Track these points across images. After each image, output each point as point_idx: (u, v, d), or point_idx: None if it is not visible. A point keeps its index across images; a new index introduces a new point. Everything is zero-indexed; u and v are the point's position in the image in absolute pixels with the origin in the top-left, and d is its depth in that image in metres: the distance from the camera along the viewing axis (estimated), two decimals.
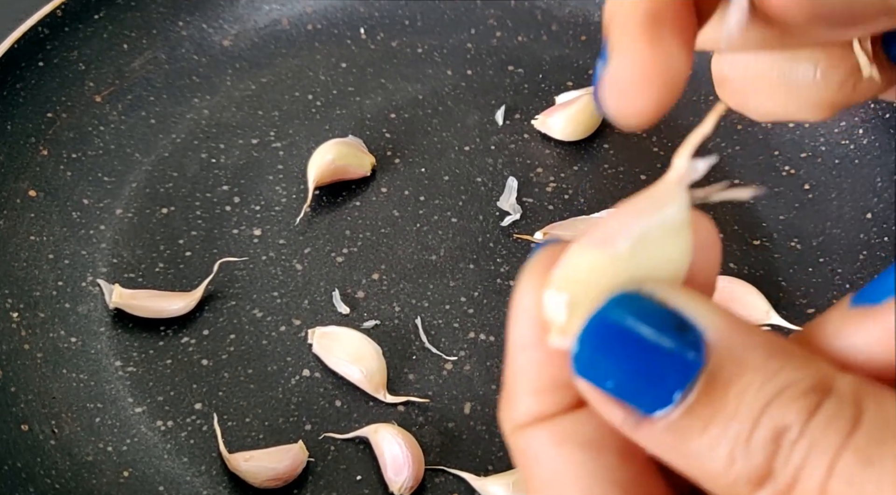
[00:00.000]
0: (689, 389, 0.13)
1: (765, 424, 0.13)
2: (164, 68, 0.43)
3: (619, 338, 0.13)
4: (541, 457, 0.14)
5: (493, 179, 0.40)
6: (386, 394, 0.33)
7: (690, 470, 0.13)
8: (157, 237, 0.37)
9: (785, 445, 0.12)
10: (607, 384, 0.13)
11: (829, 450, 0.12)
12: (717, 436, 0.13)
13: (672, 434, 0.13)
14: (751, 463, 0.13)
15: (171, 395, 0.33)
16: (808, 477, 0.12)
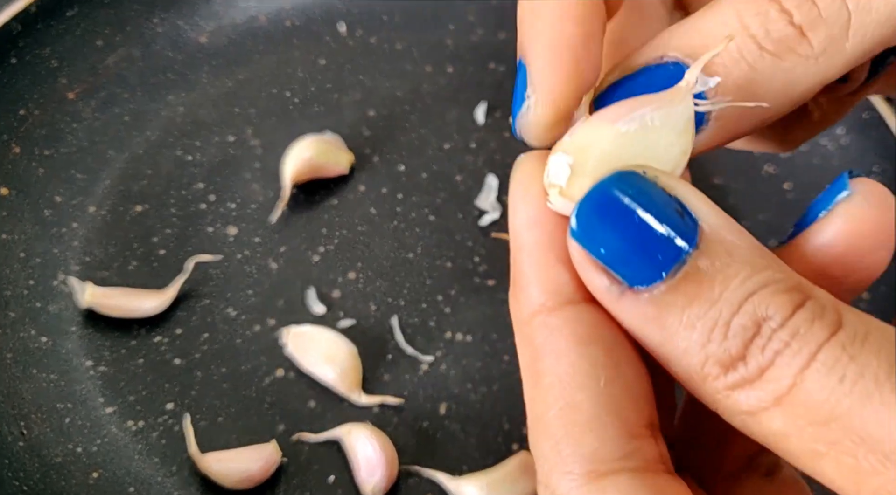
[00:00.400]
0: (677, 268, 0.13)
1: (746, 310, 0.13)
2: (138, 65, 0.42)
3: (618, 209, 0.14)
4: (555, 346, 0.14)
5: (473, 177, 0.40)
6: (361, 395, 0.32)
7: (662, 347, 0.14)
8: (131, 235, 0.37)
9: (764, 332, 0.13)
10: (600, 251, 0.14)
11: (812, 342, 0.13)
12: (697, 315, 0.13)
13: (653, 307, 0.13)
14: (726, 344, 0.13)
15: (143, 395, 0.32)
16: (785, 364, 0.13)
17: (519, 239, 0.16)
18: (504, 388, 0.33)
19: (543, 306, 0.15)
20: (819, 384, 0.12)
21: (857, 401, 0.12)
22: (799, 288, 0.13)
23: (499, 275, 0.37)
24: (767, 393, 0.13)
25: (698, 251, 0.13)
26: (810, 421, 0.13)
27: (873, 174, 0.38)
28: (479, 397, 0.33)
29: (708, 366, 0.13)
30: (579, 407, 0.14)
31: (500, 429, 0.32)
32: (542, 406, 0.14)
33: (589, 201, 0.14)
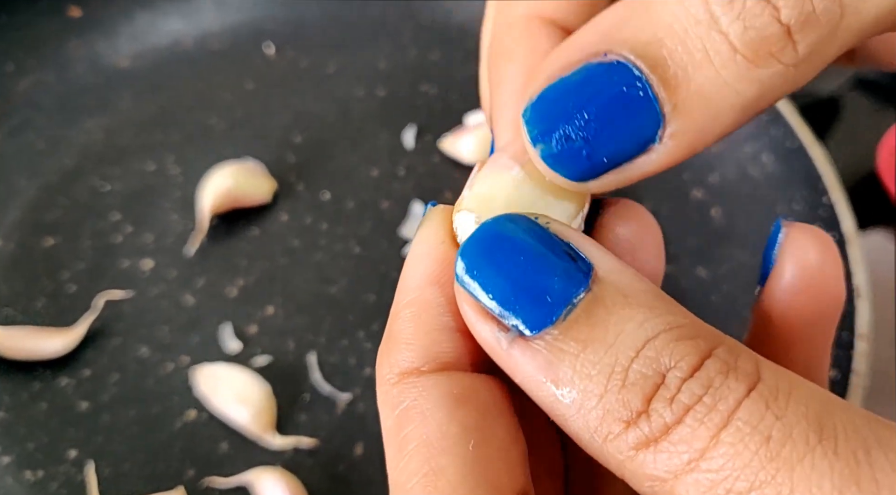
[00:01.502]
0: (568, 311, 0.12)
1: (646, 356, 0.12)
2: (54, 89, 0.41)
3: (505, 248, 0.13)
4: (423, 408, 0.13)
5: (400, 205, 0.39)
6: (274, 436, 0.31)
7: (557, 404, 0.12)
8: (40, 270, 0.36)
9: (670, 383, 0.12)
10: (487, 295, 0.13)
11: (729, 397, 0.11)
12: (592, 362, 0.12)
13: (544, 355, 0.12)
14: (625, 396, 0.12)
15: (44, 442, 0.31)
16: (698, 423, 0.11)
17: (407, 294, 0.14)
18: None
19: (417, 369, 0.14)
20: (741, 446, 0.11)
21: (786, 467, 0.11)
22: (705, 335, 0.12)
23: None
24: (677, 455, 0.11)
25: (591, 293, 0.12)
26: (729, 490, 0.11)
27: (795, 201, 0.38)
28: None
29: (607, 423, 0.12)
30: (444, 473, 0.13)
31: None
32: (405, 474, 0.13)
33: (474, 241, 0.13)
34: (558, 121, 0.13)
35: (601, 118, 0.13)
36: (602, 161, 0.13)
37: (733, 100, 0.13)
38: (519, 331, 0.12)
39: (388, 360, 0.14)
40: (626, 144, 0.13)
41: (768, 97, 0.13)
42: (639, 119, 0.13)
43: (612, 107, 0.13)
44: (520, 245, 0.13)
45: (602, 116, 0.13)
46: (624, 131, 0.13)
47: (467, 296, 0.13)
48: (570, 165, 0.14)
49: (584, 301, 0.12)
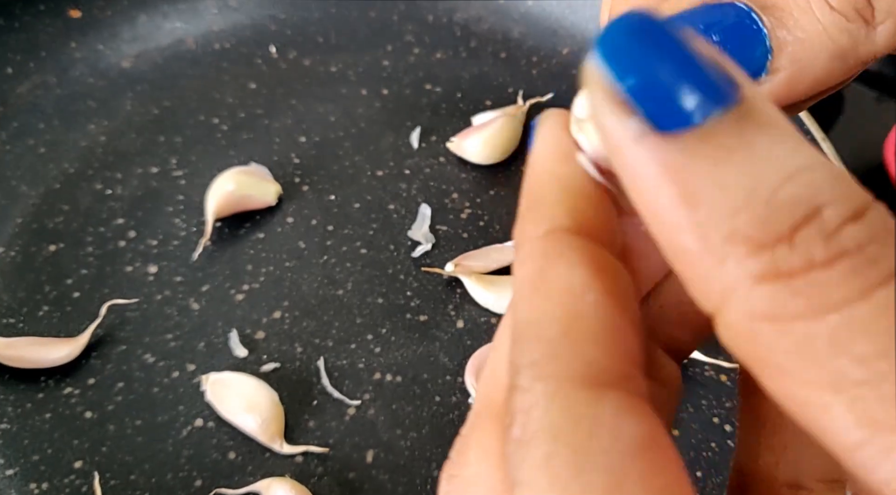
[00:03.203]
0: (717, 113, 0.11)
1: (801, 182, 0.10)
2: (55, 93, 0.40)
3: (657, 33, 0.11)
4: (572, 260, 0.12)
5: (406, 206, 0.39)
6: (283, 444, 0.31)
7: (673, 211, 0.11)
8: (43, 277, 0.35)
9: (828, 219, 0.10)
10: (627, 81, 0.11)
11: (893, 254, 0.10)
12: (736, 172, 0.10)
13: (680, 154, 0.11)
14: (768, 216, 0.10)
15: (49, 454, 0.30)
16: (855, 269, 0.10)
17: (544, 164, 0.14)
18: (435, 432, 0.32)
19: (565, 228, 0.13)
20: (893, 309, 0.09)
21: None
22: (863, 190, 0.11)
23: (431, 311, 0.35)
24: (809, 298, 0.10)
25: (741, 107, 0.11)
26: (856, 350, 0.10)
27: None
28: (408, 443, 0.32)
29: (733, 242, 0.10)
30: (587, 317, 0.12)
31: (430, 478, 0.31)
32: (541, 311, 0.12)
33: (623, 21, 0.11)
34: None
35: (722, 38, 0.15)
36: None
37: (829, 45, 0.16)
38: (654, 125, 0.11)
39: (531, 221, 0.13)
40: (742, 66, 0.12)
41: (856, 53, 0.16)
42: (751, 47, 0.15)
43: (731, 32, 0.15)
44: (672, 37, 0.11)
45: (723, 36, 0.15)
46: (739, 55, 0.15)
47: (601, 81, 0.11)
48: None
49: (734, 111, 0.11)
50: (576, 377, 0.11)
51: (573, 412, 0.11)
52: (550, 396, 0.11)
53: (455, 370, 0.34)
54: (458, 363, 0.34)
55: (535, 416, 0.11)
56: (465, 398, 0.33)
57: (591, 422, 0.11)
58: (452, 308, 0.35)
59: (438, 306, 0.35)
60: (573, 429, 0.11)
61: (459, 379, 0.33)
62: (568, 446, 0.11)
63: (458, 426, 0.32)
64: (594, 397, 0.11)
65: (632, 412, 0.11)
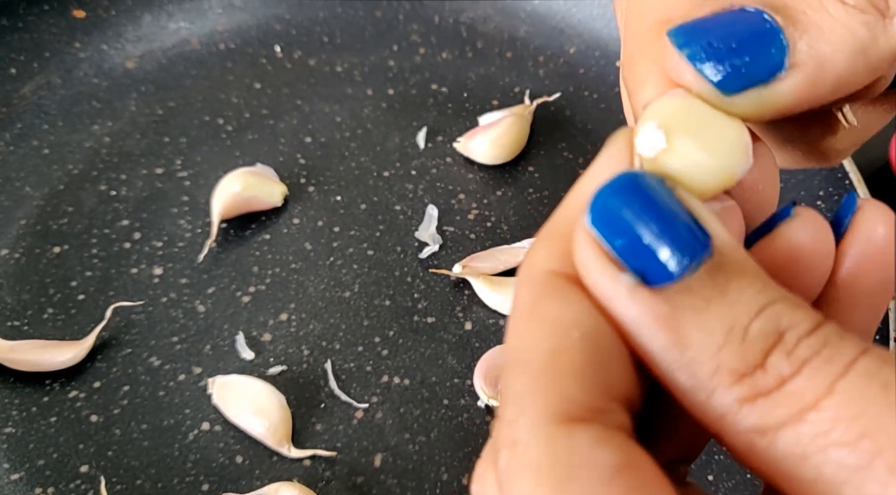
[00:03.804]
0: (693, 269, 0.13)
1: (767, 315, 0.12)
2: (59, 93, 0.40)
3: (642, 199, 0.13)
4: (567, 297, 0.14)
5: (413, 207, 0.38)
6: (290, 448, 0.30)
7: (666, 354, 0.13)
8: (47, 279, 0.35)
9: (788, 340, 0.12)
10: (615, 242, 0.13)
11: (847, 352, 0.12)
12: (714, 318, 0.13)
13: (667, 306, 0.13)
14: (743, 350, 0.12)
15: (54, 458, 0.30)
16: (815, 373, 0.12)
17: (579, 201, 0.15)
18: (443, 435, 0.32)
19: (565, 274, 0.14)
20: (857, 394, 0.11)
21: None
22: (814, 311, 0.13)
23: (438, 313, 0.35)
24: (787, 406, 0.12)
25: (713, 259, 0.13)
26: (840, 440, 0.11)
27: (820, 198, 0.37)
28: (416, 447, 0.31)
29: (719, 375, 0.12)
30: (569, 353, 0.13)
31: (439, 481, 0.31)
32: (529, 344, 0.13)
33: (611, 188, 0.13)
34: (701, 34, 0.15)
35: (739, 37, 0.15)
36: (740, 71, 0.15)
37: (847, 38, 0.15)
38: (642, 280, 0.13)
39: (544, 254, 0.14)
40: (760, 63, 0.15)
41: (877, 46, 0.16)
42: (768, 45, 0.15)
43: (747, 32, 0.15)
44: (653, 200, 0.13)
45: (739, 36, 0.15)
46: (757, 52, 0.15)
47: (592, 240, 0.13)
48: (713, 69, 0.15)
49: (706, 264, 0.13)
50: (555, 412, 0.12)
51: (552, 446, 0.12)
52: (532, 432, 0.12)
53: (463, 372, 0.33)
54: (467, 365, 0.33)
55: (519, 451, 0.12)
56: (473, 401, 0.33)
57: (569, 455, 0.12)
58: (460, 310, 0.35)
59: (446, 308, 0.35)
60: (553, 463, 0.12)
61: (468, 381, 0.33)
62: (549, 479, 0.12)
63: (468, 429, 0.32)
64: (571, 432, 0.12)
65: (606, 442, 0.12)
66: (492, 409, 0.32)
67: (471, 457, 0.31)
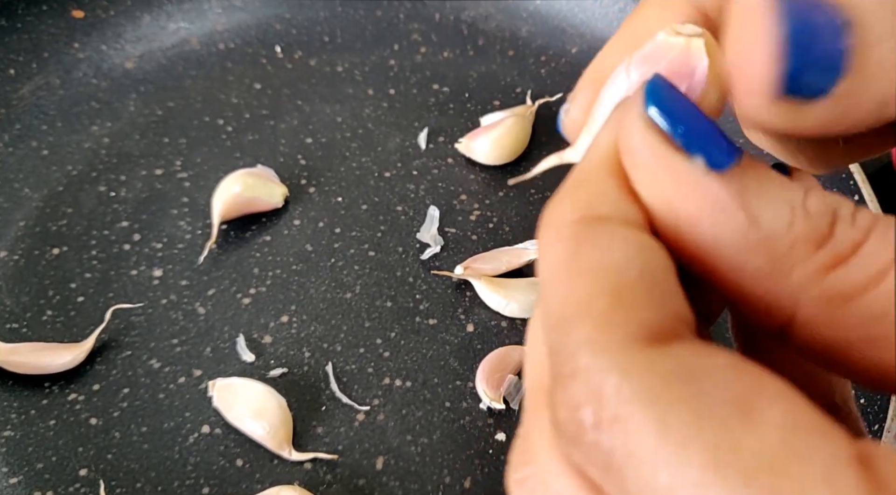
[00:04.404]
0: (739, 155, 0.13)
1: (816, 196, 0.13)
2: (57, 94, 0.40)
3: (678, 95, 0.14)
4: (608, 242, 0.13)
5: (415, 208, 0.38)
6: (291, 451, 0.30)
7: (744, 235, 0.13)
8: (46, 281, 0.34)
9: (843, 214, 0.13)
10: (679, 127, 0.13)
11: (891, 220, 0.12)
12: (775, 194, 0.13)
13: (737, 184, 0.13)
14: (812, 221, 0.13)
15: (53, 461, 0.30)
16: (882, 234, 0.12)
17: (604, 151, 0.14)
18: (445, 437, 0.31)
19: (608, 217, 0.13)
20: None
21: None
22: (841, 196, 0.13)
23: (440, 314, 0.35)
24: (866, 268, 0.12)
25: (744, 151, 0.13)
26: None
27: None
28: (418, 450, 0.31)
29: (798, 247, 0.13)
30: (631, 288, 0.12)
31: (441, 484, 0.30)
32: (581, 291, 0.12)
33: (659, 87, 0.14)
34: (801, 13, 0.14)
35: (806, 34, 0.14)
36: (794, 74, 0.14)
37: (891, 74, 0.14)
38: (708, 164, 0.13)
39: (569, 205, 0.14)
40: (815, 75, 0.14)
41: None
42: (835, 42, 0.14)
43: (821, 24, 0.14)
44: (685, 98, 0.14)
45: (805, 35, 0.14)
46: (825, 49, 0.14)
47: (654, 127, 0.13)
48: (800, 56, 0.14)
49: (745, 153, 0.13)
50: (638, 339, 0.11)
51: (656, 369, 0.11)
52: (624, 364, 0.11)
53: (465, 374, 0.33)
54: (469, 367, 0.33)
55: (612, 392, 0.11)
56: (476, 403, 0.32)
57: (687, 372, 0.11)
58: (462, 311, 0.35)
59: (448, 309, 0.35)
60: (669, 384, 0.11)
61: (470, 383, 0.33)
62: (679, 402, 0.11)
63: (470, 431, 0.31)
64: (666, 351, 0.11)
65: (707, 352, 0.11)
66: (494, 411, 0.32)
67: (473, 460, 0.31)
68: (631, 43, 0.18)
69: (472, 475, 0.31)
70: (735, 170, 0.13)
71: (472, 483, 0.30)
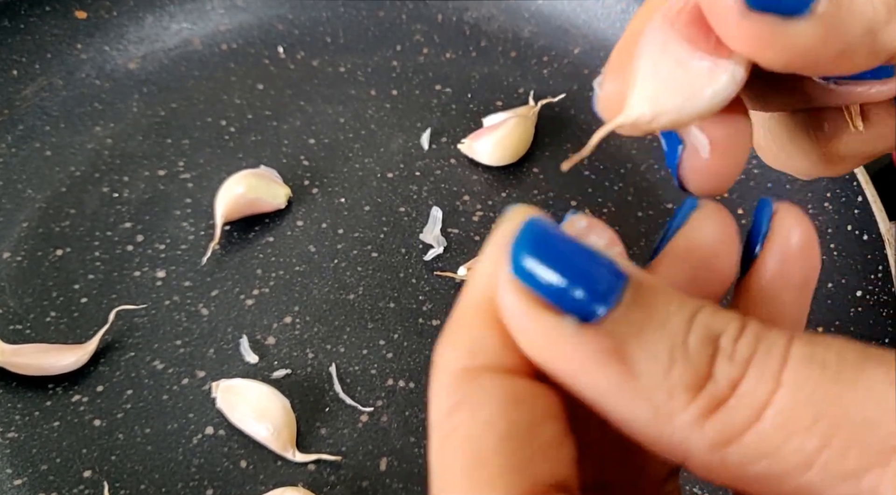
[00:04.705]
0: (618, 297, 0.13)
1: (698, 326, 0.13)
2: (60, 95, 0.40)
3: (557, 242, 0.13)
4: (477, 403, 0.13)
5: (417, 209, 0.38)
6: (295, 453, 0.30)
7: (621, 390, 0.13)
8: (50, 283, 0.34)
9: (724, 346, 0.13)
10: (546, 286, 0.13)
11: (780, 342, 0.12)
12: (654, 341, 0.13)
13: (610, 339, 0.13)
14: (690, 364, 0.13)
15: (57, 463, 0.30)
16: (760, 368, 0.12)
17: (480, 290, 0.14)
18: None
19: (478, 366, 0.14)
20: (803, 378, 0.12)
21: (847, 386, 0.12)
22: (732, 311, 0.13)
23: (443, 315, 0.35)
24: (745, 408, 0.12)
25: (632, 285, 0.13)
26: (798, 427, 0.12)
27: (828, 199, 0.37)
28: (422, 451, 0.31)
29: (676, 394, 0.13)
30: (487, 463, 0.13)
31: None
32: (448, 461, 0.13)
33: (526, 235, 0.13)
34: None
35: None
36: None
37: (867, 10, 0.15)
38: (579, 318, 0.13)
39: (452, 352, 0.14)
40: None
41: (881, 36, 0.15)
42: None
43: None
44: (566, 241, 0.13)
45: None
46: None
47: (521, 289, 0.13)
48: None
49: (629, 290, 0.13)
50: None
51: None
52: None
53: None
54: None
55: None
56: None
57: None
58: None
59: (451, 310, 0.35)
60: None
61: None
62: None
63: None
64: None
65: None
66: None
67: None
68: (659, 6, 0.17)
69: None
70: (612, 316, 0.13)
71: None
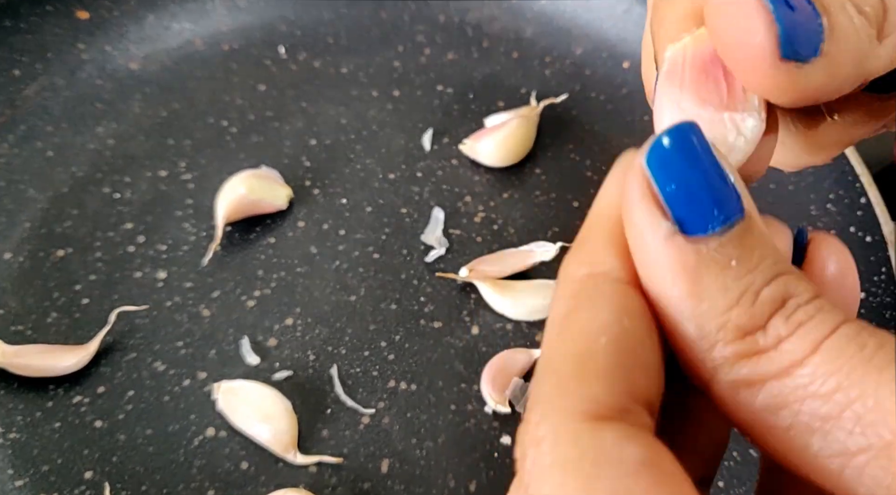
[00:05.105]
0: (727, 228, 0.14)
1: (778, 283, 0.14)
2: (62, 95, 0.40)
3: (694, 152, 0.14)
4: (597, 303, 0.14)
5: (419, 210, 0.38)
6: (296, 454, 0.30)
7: (681, 302, 0.14)
8: (51, 283, 0.34)
9: (789, 306, 0.13)
10: (668, 187, 0.14)
11: (835, 317, 0.13)
12: (733, 278, 0.13)
13: (695, 257, 0.14)
14: (751, 311, 0.13)
15: (59, 464, 0.30)
16: (807, 333, 0.13)
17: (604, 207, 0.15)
18: (451, 441, 0.31)
19: (604, 273, 0.15)
20: (838, 351, 0.13)
21: (874, 371, 0.12)
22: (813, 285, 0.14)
23: (445, 317, 0.35)
24: (778, 362, 0.13)
25: (745, 222, 0.14)
26: (819, 392, 0.13)
27: (831, 201, 0.37)
28: (423, 453, 0.31)
29: (724, 331, 0.13)
30: (596, 357, 0.13)
31: (446, 487, 0.30)
32: (560, 350, 0.14)
33: (673, 134, 0.14)
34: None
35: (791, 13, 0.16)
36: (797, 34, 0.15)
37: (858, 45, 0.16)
38: (680, 226, 0.14)
39: (576, 263, 0.15)
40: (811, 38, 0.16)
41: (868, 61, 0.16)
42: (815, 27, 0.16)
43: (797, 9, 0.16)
44: (707, 153, 0.14)
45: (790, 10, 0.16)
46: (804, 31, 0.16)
47: (645, 182, 0.14)
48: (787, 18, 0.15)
49: (738, 226, 0.14)
50: (581, 412, 0.13)
51: (579, 442, 0.12)
52: (559, 429, 0.13)
53: (470, 377, 0.33)
54: (474, 370, 0.33)
55: (545, 449, 0.13)
56: (481, 406, 0.32)
57: (596, 450, 0.12)
58: (467, 314, 0.35)
59: (453, 312, 0.35)
60: (580, 458, 0.12)
61: (475, 387, 0.33)
62: (577, 475, 0.12)
63: (475, 434, 0.31)
64: (596, 429, 0.13)
65: (632, 439, 0.13)
66: (499, 415, 0.32)
67: (478, 463, 0.31)
68: None
69: (478, 478, 0.30)
70: (711, 240, 0.13)
71: (477, 486, 0.30)
